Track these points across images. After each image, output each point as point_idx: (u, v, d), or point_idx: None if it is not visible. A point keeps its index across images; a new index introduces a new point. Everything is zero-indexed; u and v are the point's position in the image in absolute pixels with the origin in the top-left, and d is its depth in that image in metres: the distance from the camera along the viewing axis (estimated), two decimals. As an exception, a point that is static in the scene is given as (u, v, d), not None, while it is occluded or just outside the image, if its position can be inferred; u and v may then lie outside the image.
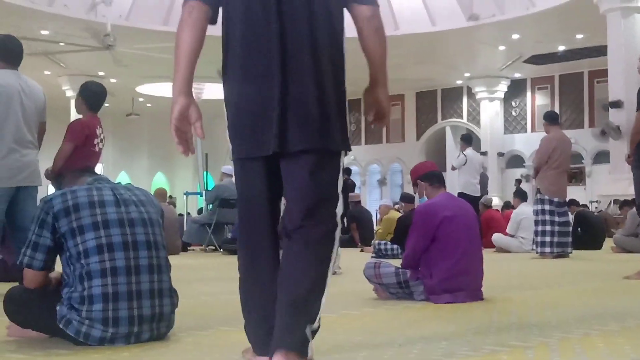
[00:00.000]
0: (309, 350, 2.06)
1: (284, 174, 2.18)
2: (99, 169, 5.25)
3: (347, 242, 10.93)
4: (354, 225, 11.54)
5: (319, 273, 2.11)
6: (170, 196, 17.58)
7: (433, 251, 4.01)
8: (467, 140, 11.69)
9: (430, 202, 4.20)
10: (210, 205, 11.34)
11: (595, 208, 16.24)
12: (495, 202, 14.56)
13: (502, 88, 22.88)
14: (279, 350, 2.01)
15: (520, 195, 10.79)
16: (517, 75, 22.47)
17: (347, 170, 12.53)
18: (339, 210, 2.18)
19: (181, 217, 13.09)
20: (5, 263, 5.34)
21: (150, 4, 17.06)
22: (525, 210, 9.93)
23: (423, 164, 4.71)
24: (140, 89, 23.19)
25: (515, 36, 18.15)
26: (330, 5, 2.19)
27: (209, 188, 13.37)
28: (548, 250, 8.26)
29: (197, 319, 3.32)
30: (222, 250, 10.44)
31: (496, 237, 10.21)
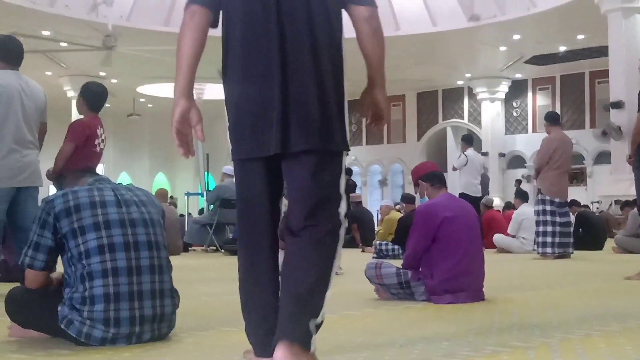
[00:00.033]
0: (312, 344, 2.05)
1: (286, 174, 2.19)
2: (100, 169, 5.25)
3: (348, 243, 10.92)
4: (355, 225, 11.54)
5: (324, 268, 2.11)
6: (171, 196, 17.58)
7: (434, 251, 4.01)
8: (468, 141, 11.69)
9: (431, 203, 4.20)
10: (212, 205, 11.34)
11: (597, 208, 16.23)
12: (496, 203, 14.56)
13: (503, 88, 22.87)
14: (283, 340, 2.01)
15: (522, 196, 10.78)
16: (518, 75, 22.47)
17: (348, 171, 12.50)
18: (342, 209, 2.18)
19: (182, 218, 13.10)
20: (6, 263, 5.34)
21: (151, 5, 17.07)
22: (527, 211, 9.92)
23: (424, 164, 4.70)
24: (141, 89, 23.20)
25: (516, 37, 18.14)
26: (329, 6, 2.19)
27: (210, 188, 13.39)
28: (549, 250, 8.26)
29: (198, 320, 3.32)
30: (223, 250, 10.45)
31: (497, 238, 10.21)
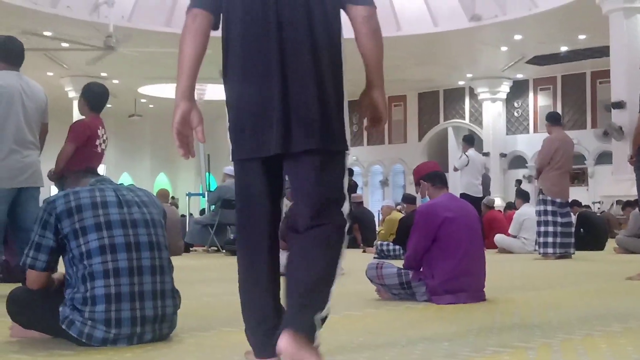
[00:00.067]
0: (316, 337, 2.05)
1: (288, 174, 2.20)
2: (101, 170, 5.25)
3: (350, 243, 10.76)
4: (356, 226, 11.52)
5: (330, 263, 2.12)
6: (172, 197, 17.57)
7: (434, 252, 4.01)
8: (469, 141, 11.69)
9: (432, 203, 4.20)
10: (213, 206, 11.35)
11: (598, 209, 16.21)
12: (497, 203, 14.56)
13: (505, 89, 22.86)
14: (288, 329, 2.00)
15: (523, 196, 10.77)
16: (520, 76, 22.47)
17: (350, 171, 12.51)
18: (346, 208, 2.18)
19: (183, 218, 13.10)
20: (7, 264, 5.34)
21: (152, 5, 17.07)
22: (528, 211, 9.92)
23: (426, 164, 4.70)
24: (142, 90, 23.21)
25: (517, 37, 18.14)
26: (328, 6, 2.19)
27: (212, 189, 13.37)
28: (550, 251, 8.25)
29: (200, 320, 3.32)
30: (225, 251, 10.45)
31: (499, 238, 10.21)
